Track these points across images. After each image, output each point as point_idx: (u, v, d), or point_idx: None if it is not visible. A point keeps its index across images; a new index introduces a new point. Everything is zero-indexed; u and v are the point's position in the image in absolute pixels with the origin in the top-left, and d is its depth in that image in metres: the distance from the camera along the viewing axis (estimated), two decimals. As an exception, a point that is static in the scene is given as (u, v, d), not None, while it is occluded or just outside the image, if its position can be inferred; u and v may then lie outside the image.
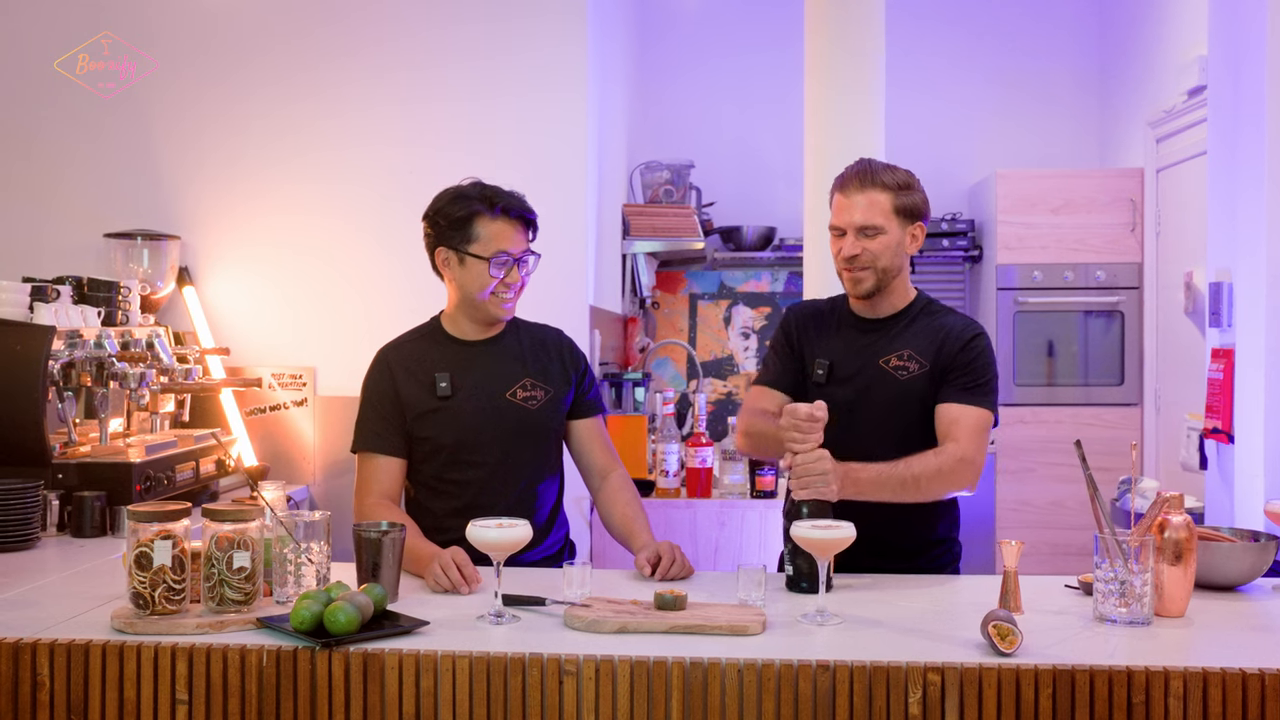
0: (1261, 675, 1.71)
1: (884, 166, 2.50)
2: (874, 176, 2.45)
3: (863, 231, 2.44)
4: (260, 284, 4.01)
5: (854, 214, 2.44)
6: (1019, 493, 5.25)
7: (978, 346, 2.47)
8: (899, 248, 2.46)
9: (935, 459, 2.37)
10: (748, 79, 5.84)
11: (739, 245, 5.76)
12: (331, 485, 3.94)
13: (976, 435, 2.40)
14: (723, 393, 5.92)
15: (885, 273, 2.46)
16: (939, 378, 2.46)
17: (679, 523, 3.79)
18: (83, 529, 2.81)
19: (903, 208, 2.46)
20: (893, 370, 2.46)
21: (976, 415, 2.42)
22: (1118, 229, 5.28)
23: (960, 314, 2.56)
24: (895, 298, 2.52)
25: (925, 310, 2.54)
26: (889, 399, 2.46)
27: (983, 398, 2.44)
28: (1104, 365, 5.34)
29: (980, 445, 2.41)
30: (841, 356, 2.51)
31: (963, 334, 2.47)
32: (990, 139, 5.84)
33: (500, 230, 2.51)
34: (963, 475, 2.39)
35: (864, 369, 2.48)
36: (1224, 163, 3.49)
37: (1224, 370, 3.47)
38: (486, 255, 2.50)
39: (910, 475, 2.34)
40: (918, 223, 2.49)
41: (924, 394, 2.46)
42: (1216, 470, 3.59)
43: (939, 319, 2.52)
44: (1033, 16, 5.91)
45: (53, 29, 3.99)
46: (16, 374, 2.84)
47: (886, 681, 1.76)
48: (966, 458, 2.38)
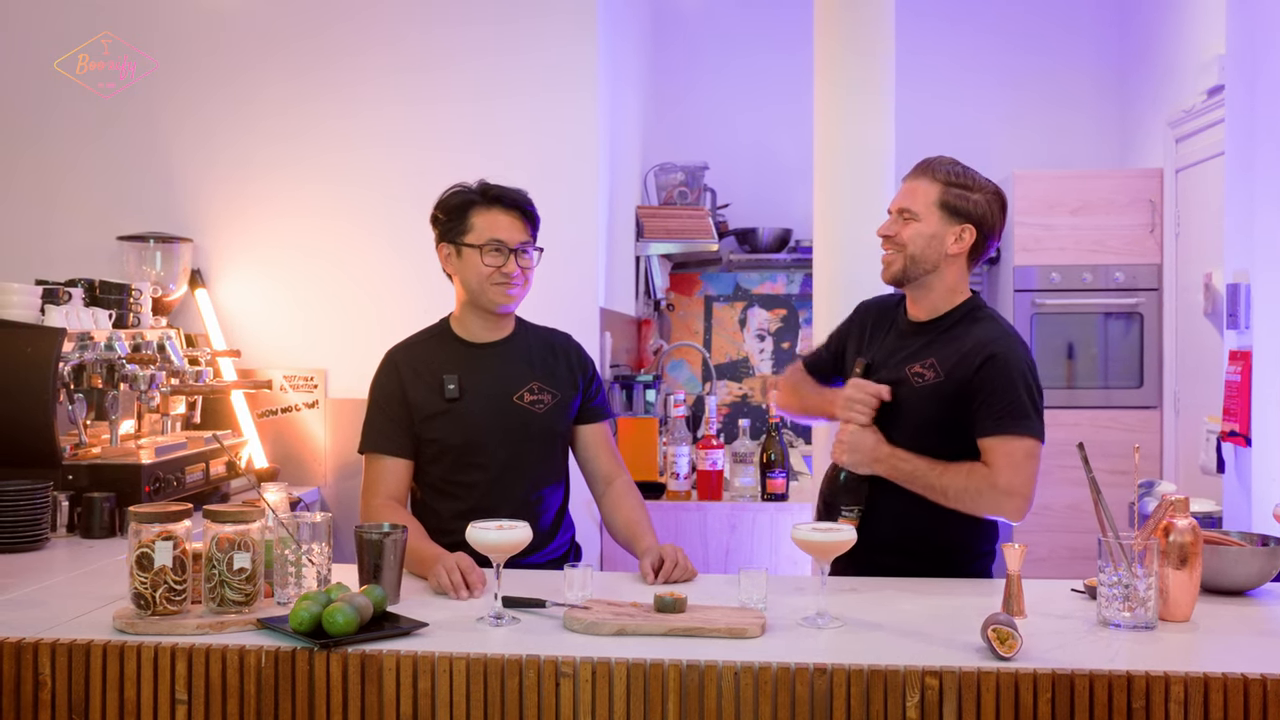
0: (1264, 681, 1.69)
1: (951, 162, 2.47)
2: (931, 167, 2.46)
3: (901, 214, 2.45)
4: (272, 286, 4.02)
5: (901, 197, 2.47)
6: (1037, 496, 5.19)
7: (996, 367, 2.34)
8: (934, 240, 2.41)
9: (966, 478, 2.34)
10: (763, 80, 5.83)
11: (754, 247, 5.75)
12: (343, 487, 3.95)
13: (1013, 465, 2.30)
14: (738, 395, 5.91)
15: (914, 262, 2.43)
16: (957, 395, 2.37)
17: (689, 525, 3.78)
18: (92, 530, 2.82)
19: (950, 204, 2.42)
20: (912, 377, 2.43)
21: (1008, 445, 2.32)
22: (1137, 230, 5.24)
23: (994, 324, 2.45)
24: (936, 298, 2.47)
25: (967, 317, 2.47)
26: (903, 404, 2.43)
27: (1012, 423, 2.32)
28: (1123, 368, 5.30)
29: (1020, 475, 2.30)
30: (882, 357, 2.52)
31: (979, 353, 2.36)
32: (1008, 140, 5.81)
33: (494, 219, 2.52)
34: (997, 503, 2.33)
35: (893, 372, 2.47)
36: (1242, 163, 3.45)
37: (1241, 372, 3.42)
38: (480, 243, 2.50)
39: (940, 484, 2.35)
40: (967, 225, 2.42)
41: (936, 404, 2.40)
42: (1234, 474, 3.55)
43: (974, 328, 2.44)
44: (1052, 16, 5.87)
45: (68, 30, 4.01)
46: (27, 376, 2.87)
47: (884, 685, 1.74)
48: (1001, 487, 2.30)
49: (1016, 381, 2.35)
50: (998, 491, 2.31)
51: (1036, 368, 2.43)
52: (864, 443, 2.40)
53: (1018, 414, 2.33)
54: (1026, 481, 2.31)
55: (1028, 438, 2.33)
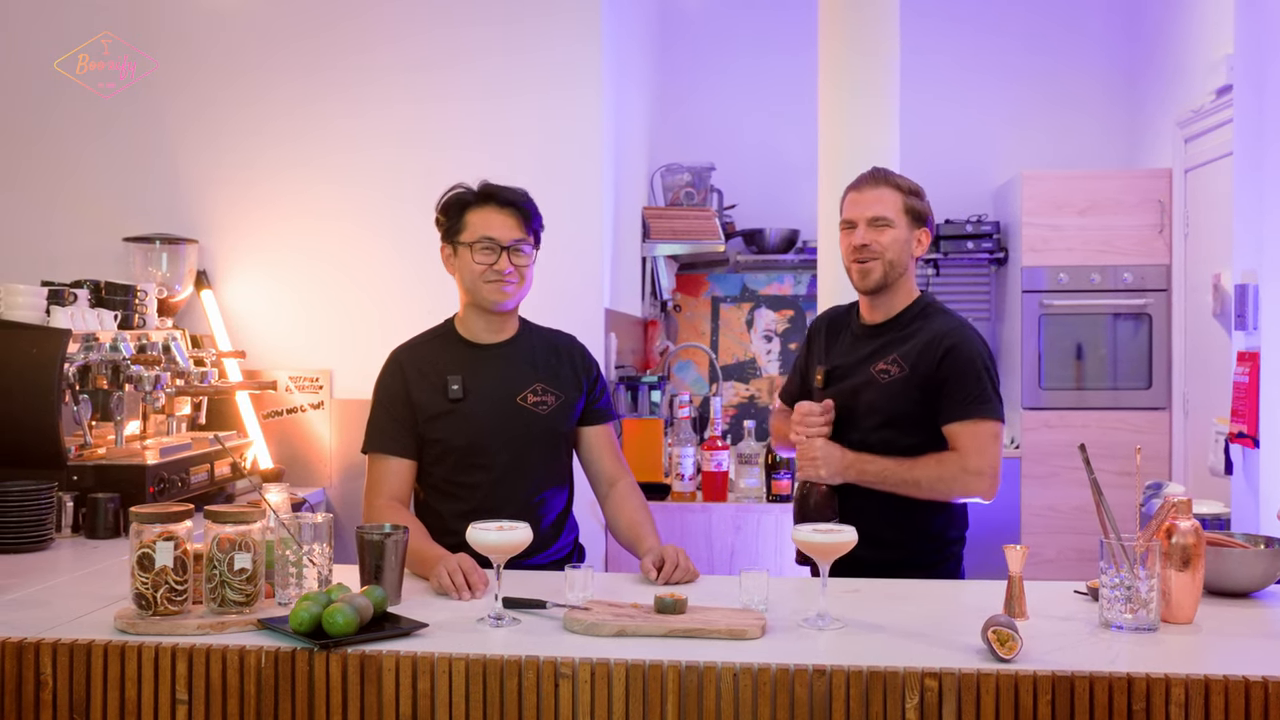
0: (1265, 683, 1.68)
1: (895, 172, 2.65)
2: (887, 177, 2.62)
3: (873, 223, 2.55)
4: (278, 287, 4.03)
5: (866, 207, 2.57)
6: (1045, 498, 5.19)
7: (957, 357, 2.50)
8: (905, 246, 2.57)
9: (937, 466, 2.49)
10: (770, 80, 5.82)
11: (762, 248, 5.74)
12: (348, 488, 3.95)
13: (979, 447, 2.46)
14: (744, 396, 5.90)
15: (892, 266, 2.56)
16: (922, 387, 2.51)
17: (694, 526, 3.78)
18: (96, 530, 2.83)
19: (911, 209, 2.58)
20: (877, 375, 2.56)
21: (974, 428, 2.47)
22: (1145, 230, 5.22)
23: (948, 316, 2.61)
24: (897, 299, 2.61)
25: (921, 313, 2.61)
26: (871, 402, 2.56)
27: (977, 407, 2.48)
28: (1132, 369, 5.27)
29: (985, 455, 2.46)
30: (842, 362, 2.63)
31: (939, 345, 2.51)
32: (1016, 140, 5.79)
33: (487, 217, 2.53)
34: (968, 484, 2.48)
35: (857, 374, 2.59)
36: (1250, 163, 3.44)
37: (1249, 374, 3.41)
38: (471, 241, 2.52)
39: (912, 478, 2.49)
40: (923, 228, 2.61)
41: (904, 398, 2.52)
42: (1242, 475, 3.54)
43: (929, 322, 2.58)
44: (1060, 16, 5.85)
45: (71, 29, 4.02)
46: (32, 377, 2.88)
47: (883, 686, 1.74)
48: (970, 468, 2.46)
49: (978, 368, 2.50)
50: (969, 474, 2.46)
51: (991, 353, 2.58)
52: (830, 455, 2.52)
53: (980, 399, 2.49)
54: (993, 461, 2.48)
55: (991, 420, 2.49)
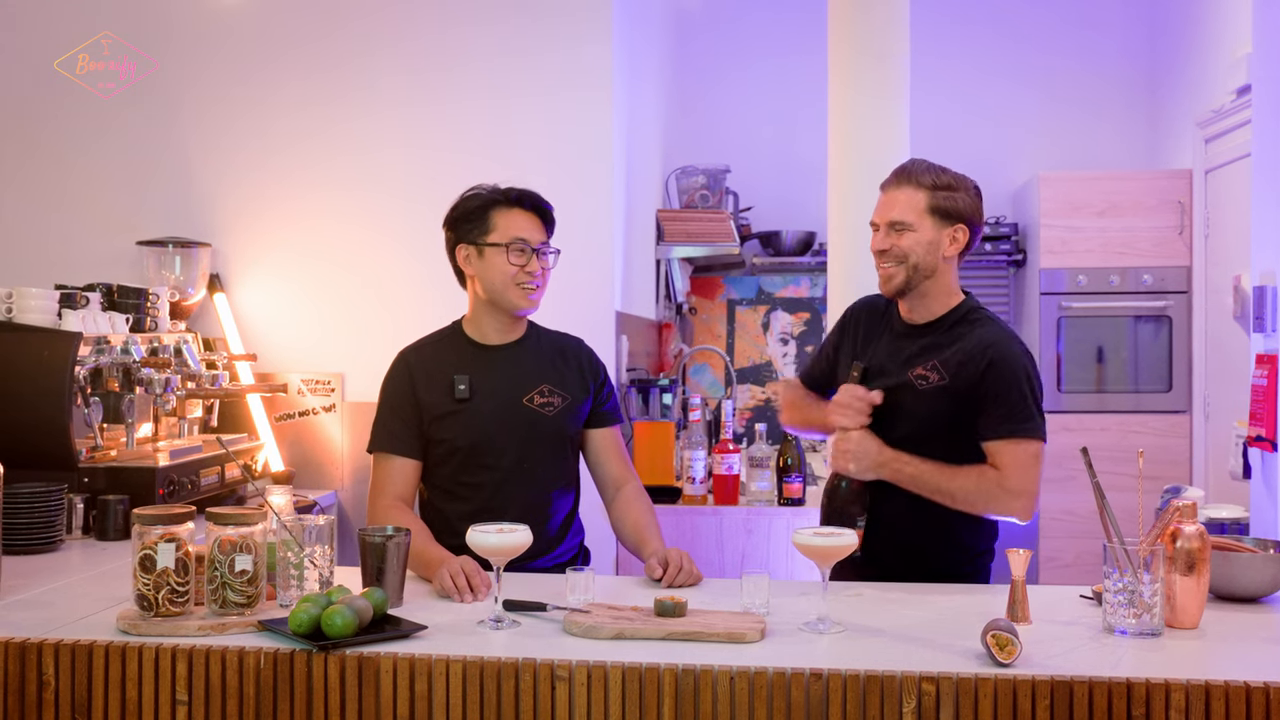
0: (1266, 689, 1.65)
1: (928, 166, 2.47)
2: (912, 174, 2.45)
3: (892, 226, 2.43)
4: (290, 290, 4.04)
5: (887, 209, 2.45)
6: (1063, 502, 5.14)
7: (1001, 371, 2.36)
8: (932, 247, 2.42)
9: (975, 481, 2.37)
10: (785, 82, 5.81)
11: (778, 250, 5.72)
12: (360, 490, 3.95)
13: (1020, 467, 2.34)
14: (760, 399, 5.88)
15: (916, 270, 2.42)
16: (961, 398, 2.39)
17: (705, 530, 3.76)
18: (106, 532, 2.84)
19: (939, 208, 2.42)
20: (915, 380, 2.43)
21: (1016, 448, 2.35)
22: (1165, 232, 5.17)
23: (994, 326, 2.46)
24: (933, 302, 2.48)
25: (964, 319, 2.47)
26: (908, 408, 2.43)
27: (1019, 425, 2.35)
28: (1152, 371, 5.22)
29: (1026, 476, 2.34)
30: (880, 361, 2.51)
31: (983, 357, 2.38)
32: (1034, 141, 5.76)
33: (516, 219, 2.54)
34: (1006, 504, 2.37)
35: (895, 376, 2.47)
36: (1269, 164, 3.40)
37: (1268, 376, 3.37)
38: (504, 242, 2.52)
39: (948, 487, 2.37)
40: (958, 225, 2.43)
41: (942, 407, 2.41)
42: (1261, 479, 3.49)
43: (973, 330, 2.44)
44: (1079, 16, 5.81)
45: (76, 29, 4.03)
46: (43, 379, 2.90)
47: (880, 690, 1.72)
48: (1009, 488, 2.35)
49: (1021, 384, 2.38)
50: (1007, 493, 2.35)
51: (1036, 366, 2.45)
52: (867, 448, 2.40)
53: (1023, 417, 2.37)
54: (1033, 482, 2.37)
55: (1033, 440, 2.37)
